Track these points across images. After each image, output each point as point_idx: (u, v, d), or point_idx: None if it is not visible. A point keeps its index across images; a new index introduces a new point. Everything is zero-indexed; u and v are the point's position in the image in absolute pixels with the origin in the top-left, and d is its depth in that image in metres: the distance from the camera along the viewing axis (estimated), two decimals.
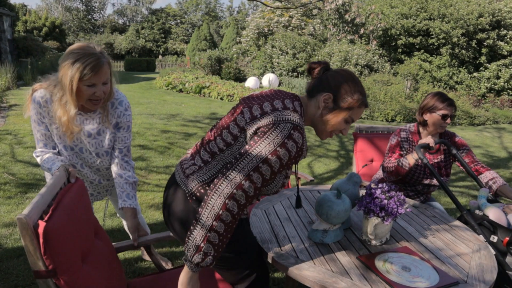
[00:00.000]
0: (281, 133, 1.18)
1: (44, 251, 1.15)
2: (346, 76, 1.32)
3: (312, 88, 1.34)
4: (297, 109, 1.28)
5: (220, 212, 1.16)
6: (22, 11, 30.21)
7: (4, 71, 8.81)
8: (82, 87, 1.48)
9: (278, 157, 1.18)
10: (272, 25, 13.38)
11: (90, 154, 1.72)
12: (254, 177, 1.18)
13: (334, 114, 1.31)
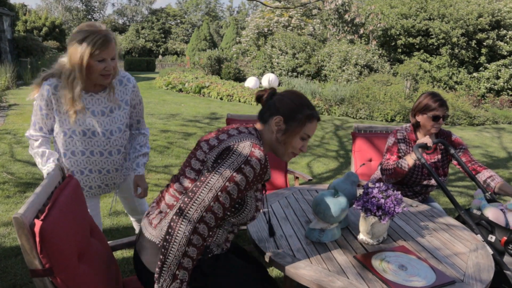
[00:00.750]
0: (238, 159, 1.20)
1: (41, 250, 1.14)
2: (291, 96, 1.37)
3: (263, 114, 1.38)
4: (253, 133, 1.33)
5: (191, 237, 1.15)
6: (22, 11, 30.20)
7: (3, 71, 8.82)
8: (93, 62, 1.54)
9: (236, 183, 1.19)
10: (271, 25, 13.37)
11: (104, 136, 1.73)
12: (215, 208, 1.18)
13: (288, 135, 1.34)
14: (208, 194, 1.17)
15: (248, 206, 1.31)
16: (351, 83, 10.40)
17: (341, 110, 8.94)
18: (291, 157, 1.42)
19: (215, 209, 1.17)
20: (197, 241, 1.17)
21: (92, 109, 1.69)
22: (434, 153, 2.44)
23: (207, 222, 1.17)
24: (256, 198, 1.34)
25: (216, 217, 1.19)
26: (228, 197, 1.19)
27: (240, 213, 1.31)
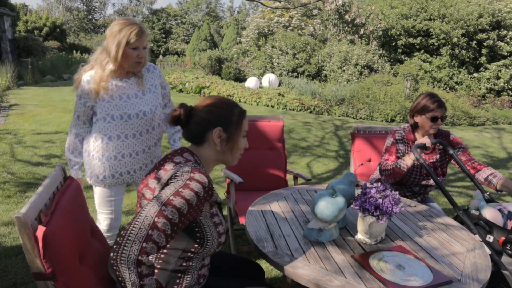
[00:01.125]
0: (176, 185, 1.16)
1: (44, 255, 1.16)
2: (216, 103, 1.32)
3: (194, 136, 1.31)
4: (189, 159, 1.27)
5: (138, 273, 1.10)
6: (23, 11, 30.21)
7: (4, 71, 8.84)
8: (128, 50, 1.75)
9: (174, 207, 1.13)
10: (272, 25, 13.38)
11: (137, 117, 1.87)
12: (154, 236, 1.11)
13: (232, 141, 1.32)
14: (144, 222, 1.11)
15: (209, 236, 1.26)
16: (351, 83, 10.41)
17: (341, 110, 8.95)
18: (238, 159, 1.41)
19: (155, 237, 1.11)
20: (147, 269, 1.12)
21: (127, 94, 1.87)
22: (432, 153, 2.45)
23: (149, 252, 1.10)
24: (215, 224, 1.28)
25: (159, 246, 1.13)
26: (169, 222, 1.12)
27: (204, 246, 1.26)
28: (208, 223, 1.26)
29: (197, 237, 1.25)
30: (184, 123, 1.30)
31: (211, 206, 1.28)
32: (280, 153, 2.98)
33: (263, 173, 2.89)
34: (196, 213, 1.20)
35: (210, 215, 1.27)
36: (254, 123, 2.92)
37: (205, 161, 1.34)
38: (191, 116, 1.30)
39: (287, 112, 8.87)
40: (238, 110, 1.35)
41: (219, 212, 1.36)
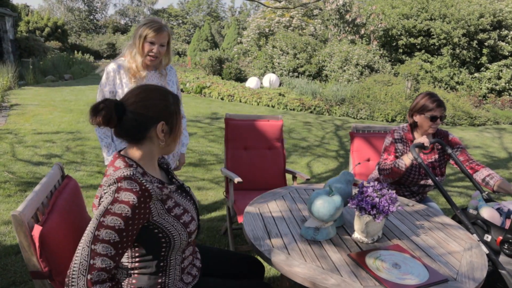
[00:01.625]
0: (106, 201, 1.10)
1: (40, 254, 1.16)
2: (150, 95, 1.21)
3: (132, 134, 1.20)
4: (118, 166, 1.18)
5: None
6: (24, 11, 30.27)
7: (5, 71, 8.86)
8: (145, 43, 1.95)
9: (108, 227, 1.07)
10: (273, 25, 13.38)
11: None
12: (99, 249, 1.06)
13: (175, 131, 1.25)
14: (82, 253, 1.06)
15: (173, 231, 1.21)
16: (352, 83, 10.40)
17: (341, 110, 8.95)
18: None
19: (99, 264, 1.05)
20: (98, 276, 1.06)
21: (150, 83, 1.97)
22: (431, 152, 2.45)
23: (100, 264, 1.06)
24: (176, 216, 1.22)
25: (108, 270, 1.07)
26: (107, 244, 1.06)
27: (173, 243, 1.22)
28: (167, 219, 1.20)
29: (160, 237, 1.19)
30: (116, 123, 1.16)
31: (164, 201, 1.21)
32: (279, 153, 2.98)
33: (262, 173, 2.89)
34: (142, 219, 1.13)
35: (165, 211, 1.20)
36: (253, 123, 2.92)
37: (146, 158, 1.24)
38: (123, 113, 1.16)
39: (288, 112, 8.88)
40: (172, 96, 1.25)
41: (183, 197, 1.31)
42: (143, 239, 1.18)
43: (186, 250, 1.33)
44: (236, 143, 2.87)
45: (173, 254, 1.26)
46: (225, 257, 1.64)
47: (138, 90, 1.22)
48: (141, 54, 1.99)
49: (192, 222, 1.27)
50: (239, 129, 2.87)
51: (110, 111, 1.13)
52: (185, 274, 1.33)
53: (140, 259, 1.21)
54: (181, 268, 1.31)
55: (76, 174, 4.08)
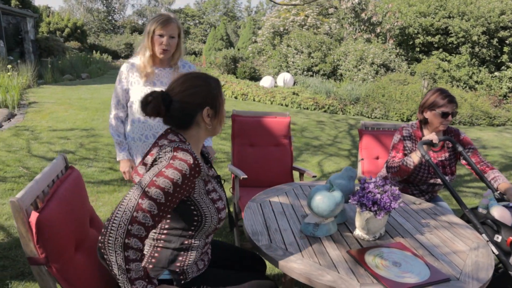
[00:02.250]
0: (159, 166, 1.15)
1: (37, 240, 1.17)
2: (192, 82, 1.25)
3: (181, 122, 1.26)
4: (173, 139, 1.24)
5: (125, 256, 1.09)
6: (45, 12, 31.02)
7: (25, 70, 9.09)
8: (155, 36, 1.95)
9: (159, 188, 1.11)
10: (287, 24, 13.32)
11: None
12: (139, 217, 1.09)
13: (219, 114, 1.30)
14: (128, 205, 1.09)
15: (207, 213, 1.26)
16: (367, 83, 10.26)
17: (356, 110, 8.83)
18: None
19: (140, 218, 1.08)
20: (134, 254, 1.10)
21: (160, 80, 2.06)
22: (441, 151, 2.39)
23: (135, 234, 1.08)
24: (212, 200, 1.28)
25: (146, 227, 1.10)
26: (154, 203, 1.10)
27: (203, 224, 1.26)
28: (204, 200, 1.25)
29: (194, 215, 1.24)
30: (165, 113, 1.23)
31: (206, 183, 1.26)
32: (286, 150, 2.95)
33: (268, 170, 2.87)
34: (186, 191, 1.18)
35: (205, 191, 1.25)
36: (260, 119, 2.91)
37: (194, 141, 1.30)
38: (171, 104, 1.23)
39: (301, 111, 8.82)
40: (213, 80, 1.29)
41: (219, 187, 1.36)
42: (178, 213, 1.23)
43: (210, 236, 1.38)
44: (242, 139, 2.85)
45: (199, 236, 1.30)
46: (230, 252, 1.63)
47: (182, 79, 1.27)
48: (149, 49, 1.99)
49: (223, 210, 1.34)
50: (245, 125, 2.85)
51: (158, 102, 1.19)
52: (200, 260, 1.36)
53: (168, 232, 1.26)
54: (202, 252, 1.35)
55: (88, 170, 4.15)
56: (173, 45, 1.99)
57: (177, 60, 2.08)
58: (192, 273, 1.33)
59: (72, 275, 1.26)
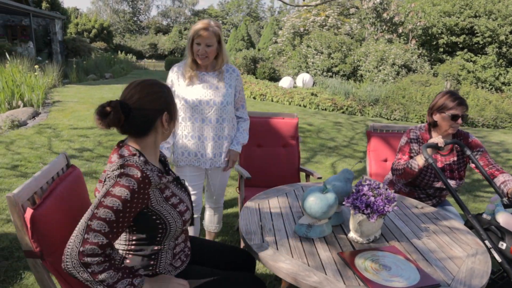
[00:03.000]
0: (109, 183, 1.17)
1: (32, 235, 1.23)
2: (148, 90, 1.26)
3: (140, 129, 1.26)
4: (124, 154, 1.25)
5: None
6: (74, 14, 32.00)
7: (51, 70, 9.43)
8: (194, 44, 2.04)
9: (107, 207, 1.13)
10: (308, 24, 13.24)
11: (207, 105, 2.10)
12: (93, 225, 1.12)
13: (174, 118, 1.34)
14: (79, 228, 1.13)
15: (170, 219, 1.28)
16: (387, 83, 10.07)
17: (374, 111, 8.70)
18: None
19: (91, 238, 1.11)
20: (99, 267, 1.13)
21: (205, 84, 2.13)
22: (450, 154, 2.33)
23: (90, 253, 1.11)
24: (173, 205, 1.29)
25: (101, 245, 1.12)
26: (103, 222, 1.12)
27: (169, 229, 1.29)
28: (165, 207, 1.27)
29: (157, 224, 1.26)
30: (124, 121, 1.21)
31: (162, 190, 1.28)
32: (294, 151, 2.95)
33: (275, 170, 2.88)
34: (140, 203, 1.19)
35: (163, 199, 1.27)
36: (267, 120, 2.92)
37: (150, 148, 1.31)
38: (130, 112, 1.22)
39: (319, 112, 8.76)
40: (166, 87, 1.32)
41: (178, 189, 1.37)
42: (142, 224, 1.25)
43: (179, 237, 1.39)
44: (249, 140, 2.87)
45: (167, 240, 1.33)
46: (216, 249, 1.66)
47: (138, 86, 1.27)
48: (190, 55, 2.08)
49: (187, 211, 1.35)
50: (253, 126, 2.87)
51: (118, 112, 1.18)
52: (175, 260, 1.39)
53: (137, 243, 1.29)
54: (173, 253, 1.37)
55: (104, 167, 4.27)
56: (211, 52, 2.05)
57: (221, 65, 2.13)
58: (169, 272, 1.37)
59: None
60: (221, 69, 2.15)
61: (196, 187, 2.24)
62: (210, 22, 2.02)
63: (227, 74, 2.18)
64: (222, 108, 2.12)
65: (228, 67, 2.21)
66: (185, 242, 1.46)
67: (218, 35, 2.05)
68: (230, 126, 2.20)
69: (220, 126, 2.15)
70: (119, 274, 1.16)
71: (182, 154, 2.16)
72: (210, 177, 2.32)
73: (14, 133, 5.35)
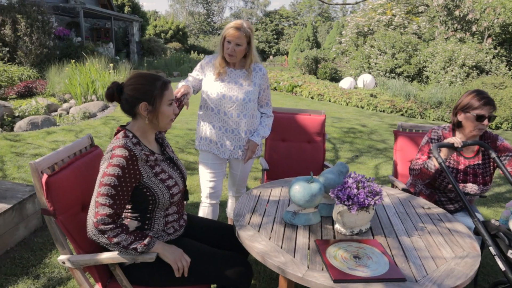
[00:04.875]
0: (104, 164, 1.41)
1: (46, 196, 1.48)
2: (138, 80, 1.47)
3: (128, 110, 1.50)
4: (119, 136, 1.47)
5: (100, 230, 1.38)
6: (153, 16, 34.38)
7: (123, 69, 10.32)
8: (224, 42, 2.16)
9: (110, 175, 1.37)
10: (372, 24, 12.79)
11: (230, 100, 2.22)
12: (99, 200, 1.37)
13: (157, 110, 1.48)
14: (91, 205, 1.40)
15: (159, 192, 1.49)
16: (454, 85, 9.38)
17: (436, 114, 8.18)
18: (170, 124, 1.57)
19: (100, 211, 1.37)
20: (113, 232, 1.38)
21: (228, 80, 2.25)
22: (475, 157, 2.21)
23: (104, 222, 1.37)
24: (161, 180, 1.50)
25: (109, 215, 1.37)
26: (107, 197, 1.37)
27: (158, 201, 1.49)
28: (154, 181, 1.48)
29: (148, 195, 1.48)
30: (118, 99, 1.49)
31: (152, 167, 1.49)
32: (319, 147, 2.99)
33: (298, 165, 2.94)
34: (132, 178, 1.42)
35: (153, 174, 1.49)
36: (293, 116, 2.99)
37: (141, 131, 1.53)
38: (122, 93, 1.47)
39: (376, 114, 8.49)
40: (160, 83, 1.49)
41: (171, 168, 1.57)
42: (136, 197, 1.49)
43: (170, 209, 1.58)
44: (274, 134, 2.97)
45: (157, 211, 1.54)
46: (212, 227, 1.79)
47: (134, 76, 1.51)
48: (220, 51, 2.21)
49: (175, 186, 1.54)
50: (278, 121, 2.96)
51: (113, 90, 1.48)
52: (168, 227, 1.58)
53: (132, 211, 1.54)
54: (165, 221, 1.57)
55: None
56: (239, 51, 2.15)
57: (250, 64, 2.24)
58: (162, 237, 1.56)
59: (74, 229, 1.55)
60: (249, 68, 2.25)
61: (216, 174, 2.39)
62: (243, 23, 2.13)
63: (253, 72, 2.29)
64: (244, 104, 2.22)
65: (256, 66, 2.31)
66: (179, 214, 1.64)
67: (249, 36, 2.14)
68: (250, 122, 2.30)
69: (240, 121, 2.25)
70: (132, 237, 1.40)
71: (204, 139, 2.33)
72: (231, 167, 2.46)
73: (84, 123, 6.02)
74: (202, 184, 2.38)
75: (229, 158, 2.36)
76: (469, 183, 2.17)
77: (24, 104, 6.44)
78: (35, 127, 5.55)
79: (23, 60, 9.71)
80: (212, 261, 1.55)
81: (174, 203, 1.58)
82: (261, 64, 2.36)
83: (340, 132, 6.46)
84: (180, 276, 1.49)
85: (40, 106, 6.29)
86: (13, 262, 2.41)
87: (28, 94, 7.79)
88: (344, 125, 7.04)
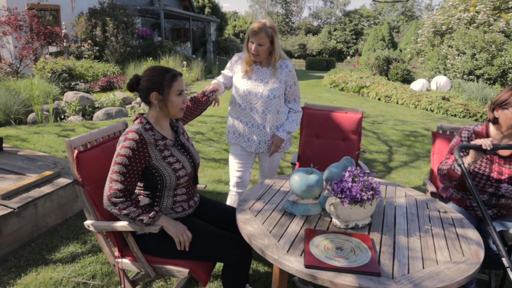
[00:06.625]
0: (118, 146, 1.63)
1: (76, 169, 1.75)
2: (150, 72, 1.67)
3: (144, 99, 1.70)
4: (135, 122, 1.69)
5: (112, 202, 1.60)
6: (233, 17, 35.67)
7: (196, 66, 10.97)
8: (249, 42, 2.27)
9: (122, 156, 1.58)
10: (452, 22, 11.80)
11: (255, 97, 2.34)
12: (113, 177, 1.59)
13: (166, 99, 1.67)
14: (106, 182, 1.61)
15: (165, 173, 1.66)
16: None
17: None
18: (181, 113, 1.72)
19: (113, 186, 1.57)
20: (123, 205, 1.58)
21: (257, 77, 2.36)
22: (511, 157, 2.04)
23: (115, 196, 1.58)
24: (169, 163, 1.67)
25: (121, 189, 1.57)
26: (119, 174, 1.57)
27: (165, 181, 1.67)
28: (162, 164, 1.67)
29: (156, 176, 1.68)
30: (136, 89, 1.71)
31: (161, 151, 1.68)
32: (354, 145, 2.96)
33: (331, 161, 2.93)
34: (142, 159, 1.62)
35: (161, 158, 1.67)
36: (329, 113, 3.00)
37: (155, 118, 1.72)
38: (139, 84, 1.69)
39: (447, 118, 7.90)
40: (169, 75, 1.67)
41: (181, 153, 1.74)
42: (146, 176, 1.70)
43: (178, 190, 1.76)
44: (309, 130, 3.01)
45: (165, 191, 1.73)
46: (222, 210, 1.93)
47: (148, 69, 1.72)
48: (246, 50, 2.33)
49: (181, 169, 1.71)
50: (314, 117, 2.99)
51: (132, 82, 1.71)
52: (176, 206, 1.76)
53: (144, 188, 1.75)
54: (173, 200, 1.75)
55: (207, 148, 4.94)
56: (262, 51, 2.24)
57: (274, 62, 2.31)
58: (170, 214, 1.73)
59: (98, 198, 1.79)
60: (275, 65, 2.33)
61: (244, 165, 2.52)
62: (266, 23, 2.21)
63: (279, 69, 2.36)
64: (269, 101, 2.31)
65: (282, 62, 2.37)
66: (189, 195, 1.80)
67: (271, 36, 2.22)
68: (276, 117, 2.38)
69: (265, 117, 2.36)
70: (139, 210, 1.60)
71: (233, 133, 2.47)
72: (260, 159, 2.58)
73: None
74: (230, 173, 2.53)
75: (256, 152, 2.47)
76: (504, 183, 2.01)
77: (104, 97, 7.22)
78: (110, 117, 6.22)
79: (109, 58, 10.83)
80: (213, 239, 1.69)
81: (182, 184, 1.74)
82: (288, 61, 2.42)
83: (400, 135, 6.18)
84: (181, 249, 1.65)
85: (117, 99, 7.00)
86: (69, 229, 2.80)
87: (109, 88, 8.69)
88: (407, 128, 6.70)
